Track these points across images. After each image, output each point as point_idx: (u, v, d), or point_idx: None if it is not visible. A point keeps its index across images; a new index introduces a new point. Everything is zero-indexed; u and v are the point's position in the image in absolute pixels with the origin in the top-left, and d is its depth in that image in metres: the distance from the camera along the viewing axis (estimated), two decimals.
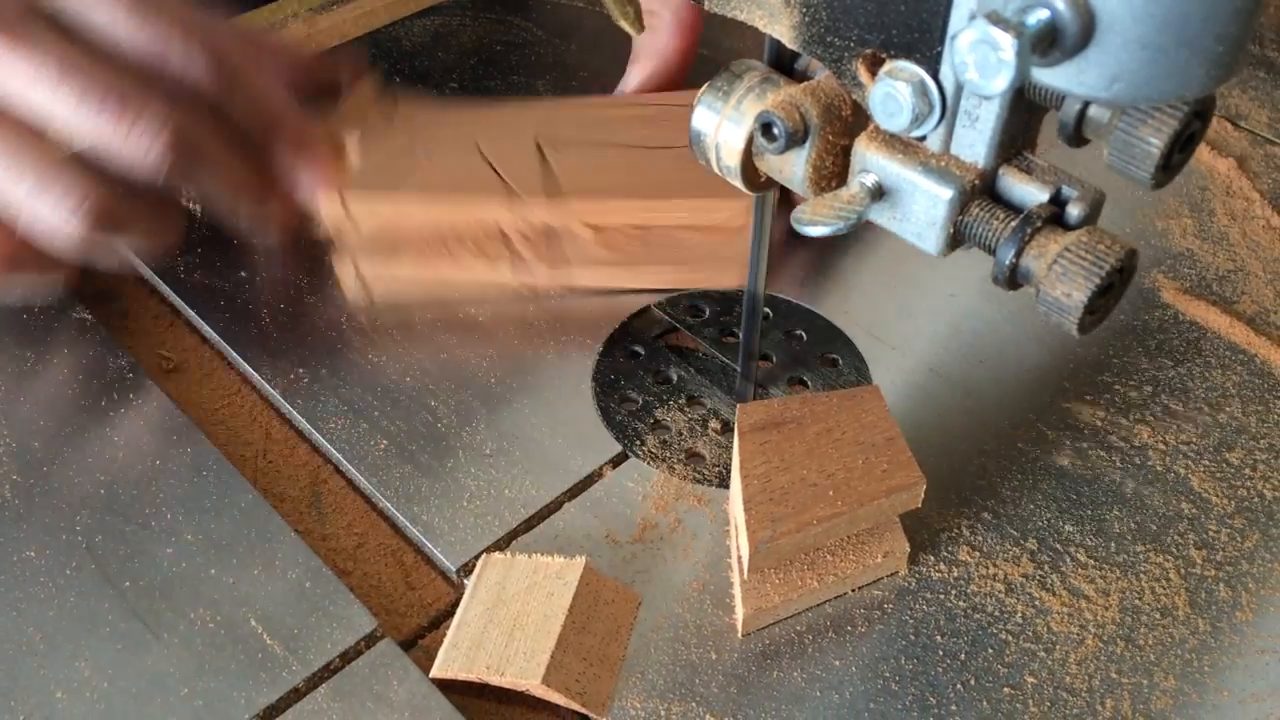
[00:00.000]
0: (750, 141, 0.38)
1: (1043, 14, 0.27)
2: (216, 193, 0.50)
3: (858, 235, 0.59)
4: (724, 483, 0.49)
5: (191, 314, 0.54)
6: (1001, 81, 0.27)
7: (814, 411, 0.44)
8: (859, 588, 0.45)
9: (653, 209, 0.53)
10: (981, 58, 0.27)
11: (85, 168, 0.45)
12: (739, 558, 0.44)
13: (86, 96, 0.44)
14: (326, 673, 0.42)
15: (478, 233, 0.53)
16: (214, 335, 0.54)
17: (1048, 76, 0.29)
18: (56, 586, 0.43)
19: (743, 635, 0.44)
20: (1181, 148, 0.32)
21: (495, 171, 0.54)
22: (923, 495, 0.43)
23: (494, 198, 0.53)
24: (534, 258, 0.54)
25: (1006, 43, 0.27)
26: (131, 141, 0.45)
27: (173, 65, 0.47)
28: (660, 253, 0.54)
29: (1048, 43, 0.28)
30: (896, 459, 0.43)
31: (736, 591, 0.44)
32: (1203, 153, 0.66)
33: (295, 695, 0.41)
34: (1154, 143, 0.31)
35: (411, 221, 0.53)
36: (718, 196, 0.51)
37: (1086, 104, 0.32)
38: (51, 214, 0.45)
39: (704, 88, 0.39)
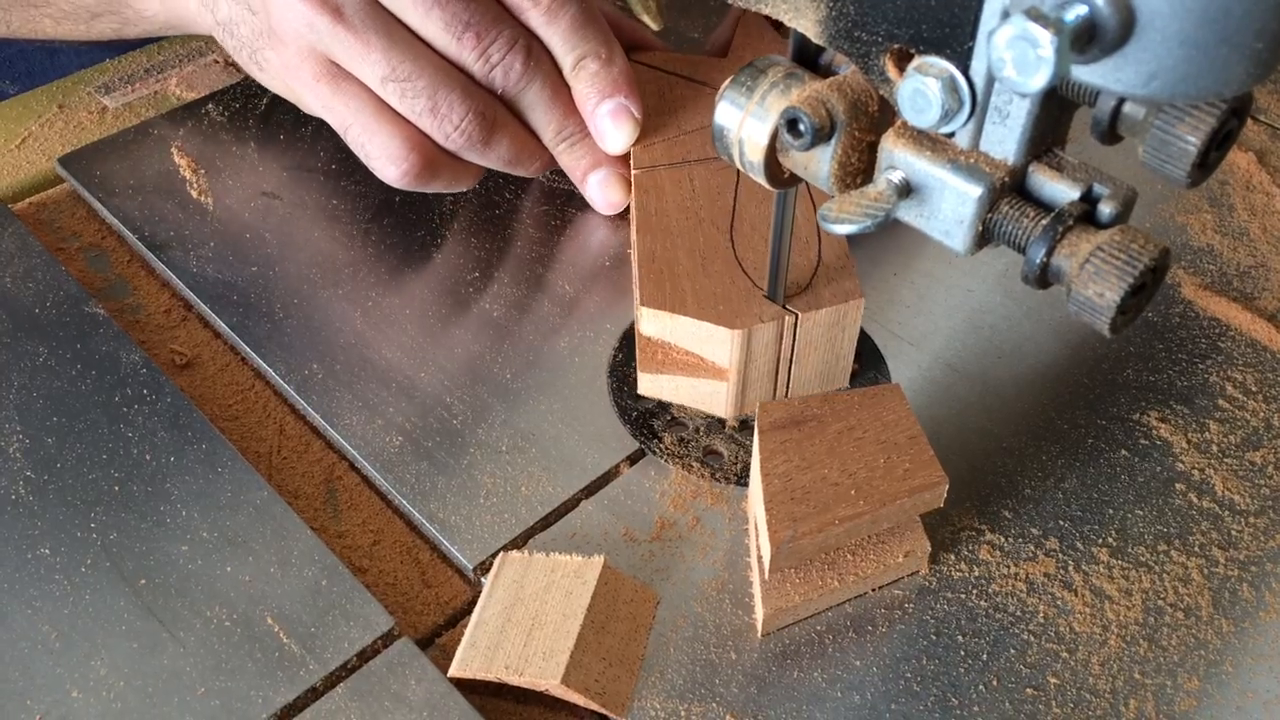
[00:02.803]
0: (775, 138, 0.38)
1: (1081, 10, 0.27)
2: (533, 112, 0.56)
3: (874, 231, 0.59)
4: (742, 481, 0.48)
5: (204, 309, 0.54)
6: (1040, 79, 0.27)
7: (835, 410, 0.44)
8: (879, 587, 0.45)
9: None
10: (1020, 55, 0.27)
11: (467, 85, 0.53)
12: (759, 557, 0.44)
13: (451, 24, 0.52)
14: (344, 672, 0.41)
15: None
16: (227, 330, 0.53)
17: (1084, 73, 0.29)
18: (71, 584, 0.43)
19: (762, 635, 0.43)
20: (1218, 146, 0.31)
21: None
22: (945, 495, 0.43)
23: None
24: None
25: (1045, 39, 0.26)
26: (479, 65, 0.53)
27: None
28: None
29: (1086, 39, 0.27)
30: (919, 458, 0.43)
31: (756, 591, 0.44)
32: None
33: (313, 694, 0.41)
34: (1191, 141, 0.30)
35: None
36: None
37: (1122, 101, 0.32)
38: (439, 128, 0.52)
39: (727, 82, 0.39)
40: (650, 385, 0.50)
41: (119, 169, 0.60)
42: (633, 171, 0.56)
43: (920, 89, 0.33)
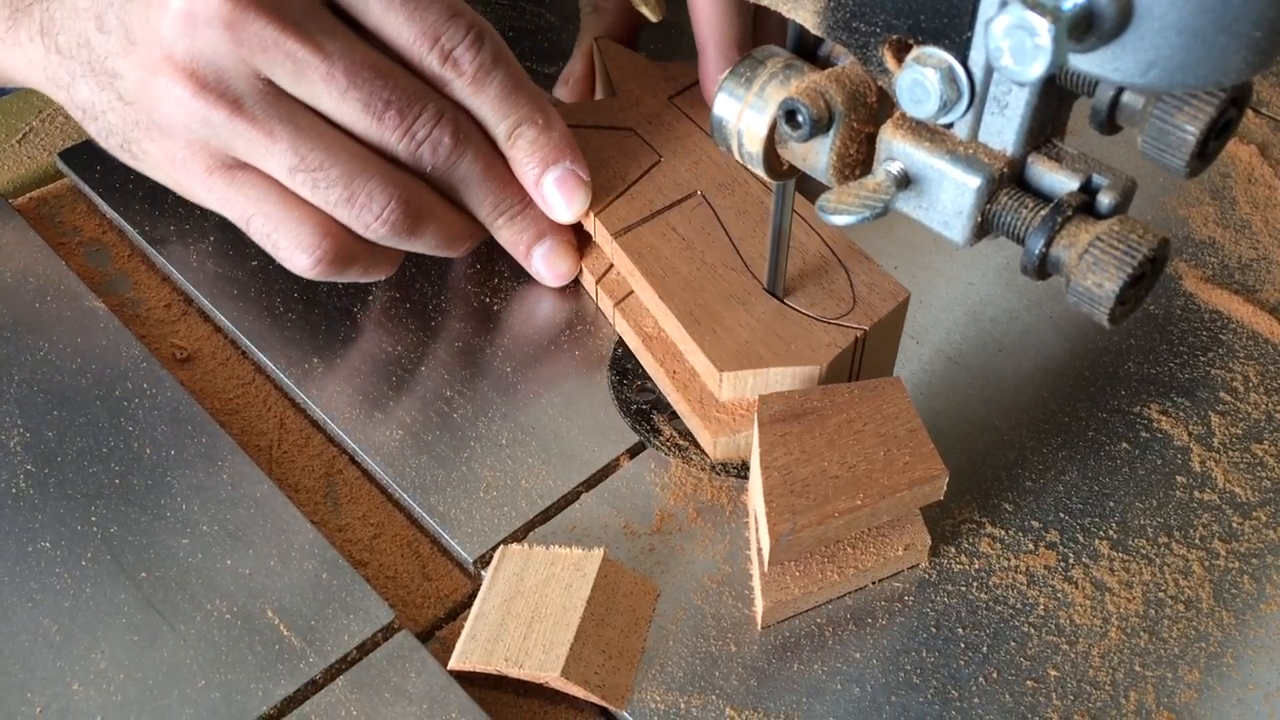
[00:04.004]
0: (773, 129, 0.38)
1: None
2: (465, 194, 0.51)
3: (872, 221, 0.59)
4: (742, 474, 0.48)
5: (205, 303, 0.54)
6: (1038, 68, 0.27)
7: (835, 402, 0.44)
8: (879, 580, 0.45)
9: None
10: (1017, 43, 0.27)
11: (387, 170, 0.48)
12: (759, 550, 0.44)
13: (370, 104, 0.47)
14: (344, 664, 0.41)
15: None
16: (227, 324, 0.53)
17: (1083, 62, 0.29)
18: (72, 577, 0.43)
19: (762, 628, 0.43)
20: (1217, 135, 0.31)
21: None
22: (945, 487, 0.43)
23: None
24: None
25: (1043, 28, 0.26)
26: (404, 144, 0.48)
27: (440, 57, 0.49)
28: None
29: (1084, 28, 0.27)
30: (919, 451, 0.43)
31: (756, 584, 0.44)
32: None
33: (313, 687, 0.41)
34: (1190, 130, 0.30)
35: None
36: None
37: (1120, 90, 0.31)
38: (358, 218, 0.48)
39: (726, 74, 0.39)
40: (729, 448, 0.48)
41: (119, 164, 0.60)
42: (613, 237, 0.52)
43: (919, 80, 0.33)
